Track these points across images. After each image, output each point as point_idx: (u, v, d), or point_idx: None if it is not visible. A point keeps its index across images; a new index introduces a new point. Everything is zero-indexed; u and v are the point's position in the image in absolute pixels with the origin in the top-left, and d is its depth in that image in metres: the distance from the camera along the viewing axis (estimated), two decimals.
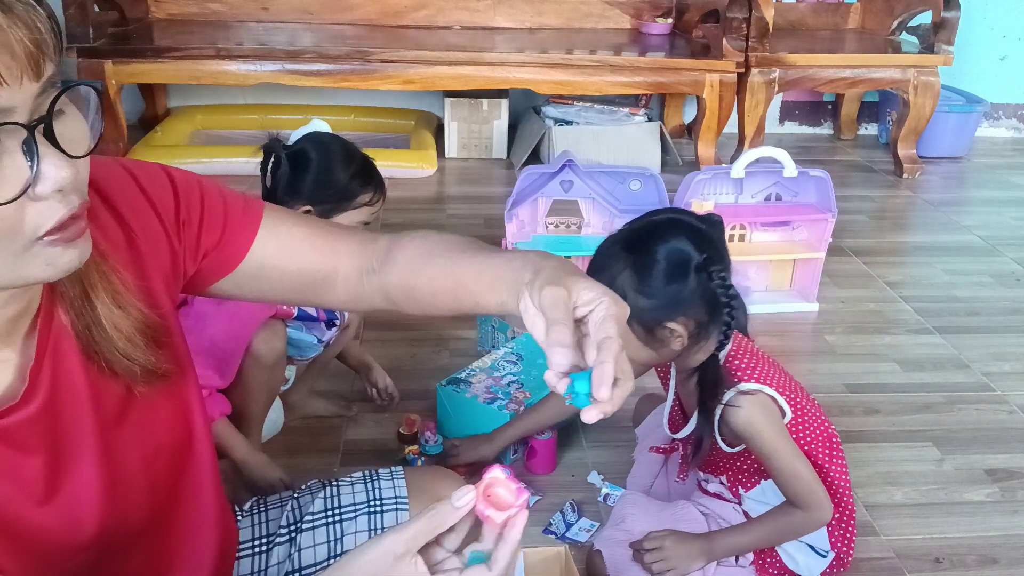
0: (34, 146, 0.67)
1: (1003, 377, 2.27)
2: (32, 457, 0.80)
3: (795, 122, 4.44)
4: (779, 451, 1.43)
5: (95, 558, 0.87)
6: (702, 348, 1.45)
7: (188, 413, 0.96)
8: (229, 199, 0.97)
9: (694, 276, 1.38)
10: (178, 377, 0.93)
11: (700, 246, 1.40)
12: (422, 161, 3.57)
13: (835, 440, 1.54)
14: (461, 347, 2.30)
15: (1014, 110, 4.48)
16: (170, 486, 0.95)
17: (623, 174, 2.49)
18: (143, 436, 0.90)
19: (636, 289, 1.38)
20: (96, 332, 0.82)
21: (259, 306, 1.64)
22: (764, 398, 1.44)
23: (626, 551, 1.50)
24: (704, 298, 1.39)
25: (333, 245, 1.01)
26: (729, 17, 3.47)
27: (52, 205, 0.70)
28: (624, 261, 1.41)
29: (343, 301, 1.05)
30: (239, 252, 0.97)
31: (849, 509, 1.54)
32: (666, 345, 1.43)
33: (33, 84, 0.67)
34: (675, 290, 1.39)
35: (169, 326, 0.92)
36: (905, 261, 3.08)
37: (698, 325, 1.42)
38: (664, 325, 1.40)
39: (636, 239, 1.43)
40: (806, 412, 1.51)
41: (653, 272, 1.39)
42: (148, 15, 3.83)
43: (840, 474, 1.53)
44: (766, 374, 1.47)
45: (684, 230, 1.41)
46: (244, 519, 1.26)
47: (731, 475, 1.56)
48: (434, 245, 0.98)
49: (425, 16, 3.93)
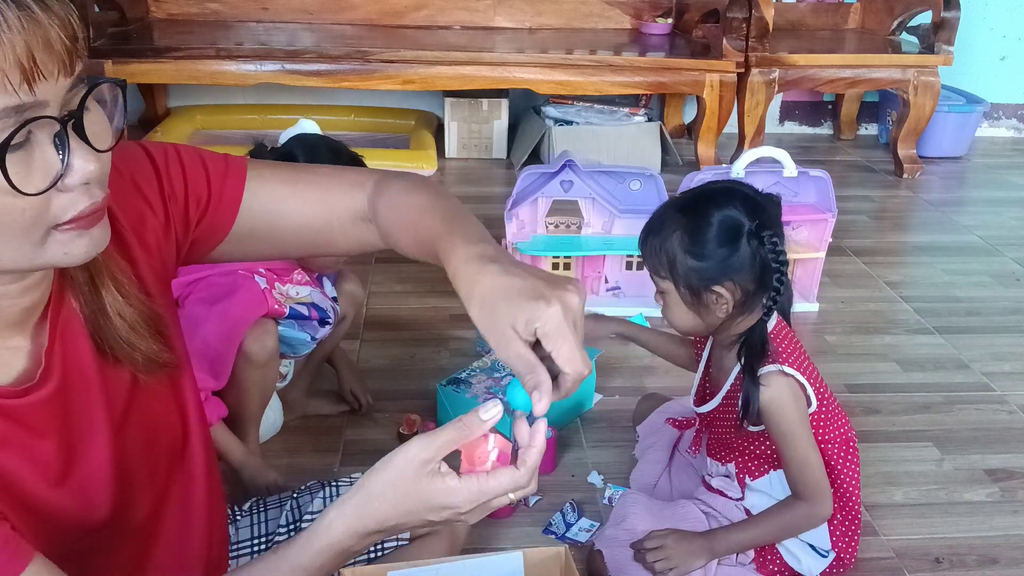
0: (65, 140, 0.70)
1: (1003, 377, 2.27)
2: (46, 440, 0.81)
3: (795, 122, 4.44)
4: (797, 436, 1.44)
5: (104, 541, 0.88)
6: (745, 319, 1.46)
7: (184, 407, 0.98)
8: (210, 164, 0.97)
9: (746, 242, 1.40)
10: (176, 369, 0.94)
11: (754, 214, 1.41)
12: (422, 161, 3.57)
13: (852, 444, 1.55)
14: (461, 347, 2.30)
15: (1014, 110, 4.48)
16: (165, 478, 0.96)
17: (623, 174, 2.49)
18: (144, 424, 0.91)
19: (687, 250, 1.41)
20: (101, 319, 0.84)
21: (250, 305, 1.65)
22: (795, 383, 1.45)
23: (627, 551, 1.50)
24: (754, 265, 1.41)
25: (323, 196, 1.00)
26: (729, 17, 3.47)
27: (76, 197, 0.72)
28: (677, 223, 1.43)
29: (346, 247, 1.04)
30: (229, 216, 0.97)
31: (855, 512, 1.55)
32: (711, 311, 1.44)
33: (66, 80, 0.69)
34: (725, 254, 1.40)
35: (167, 318, 0.93)
36: (905, 261, 3.08)
37: (744, 293, 1.43)
38: (712, 289, 1.42)
39: (691, 203, 1.45)
40: (830, 409, 1.52)
41: (705, 235, 1.41)
42: (148, 15, 3.83)
43: (851, 477, 1.53)
44: (800, 362, 1.48)
45: (740, 198, 1.43)
46: (244, 519, 1.27)
47: (742, 461, 1.56)
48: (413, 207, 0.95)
49: (425, 16, 3.93)
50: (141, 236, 0.90)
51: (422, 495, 0.81)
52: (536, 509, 1.74)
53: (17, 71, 0.65)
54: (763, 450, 1.53)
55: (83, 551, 0.87)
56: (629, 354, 2.29)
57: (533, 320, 0.76)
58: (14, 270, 0.75)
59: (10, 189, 0.67)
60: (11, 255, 0.72)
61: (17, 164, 0.67)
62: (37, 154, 0.69)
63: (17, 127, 0.66)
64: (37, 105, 0.67)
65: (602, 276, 2.57)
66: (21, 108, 0.66)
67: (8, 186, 0.67)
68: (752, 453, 1.54)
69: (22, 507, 0.79)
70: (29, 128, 0.67)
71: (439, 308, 2.48)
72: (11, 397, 0.78)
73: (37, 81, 0.66)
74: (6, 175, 0.66)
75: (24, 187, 0.68)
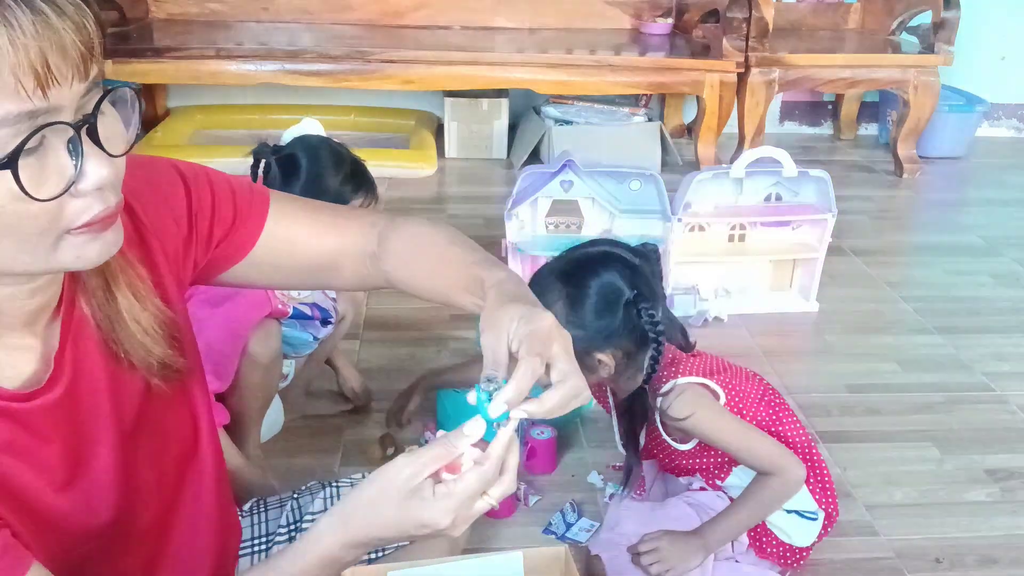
0: (79, 145, 0.69)
1: (1003, 377, 2.27)
2: (51, 444, 0.81)
3: (795, 122, 4.44)
4: (724, 429, 1.48)
5: (107, 546, 0.88)
6: (633, 375, 1.50)
7: (196, 413, 0.98)
8: (237, 188, 0.99)
9: (623, 311, 1.44)
10: (189, 375, 0.94)
11: (632, 281, 1.45)
12: (422, 161, 3.57)
13: (777, 401, 1.58)
14: (461, 347, 2.30)
15: (1014, 110, 4.48)
16: (174, 485, 0.96)
17: (623, 174, 2.48)
18: (155, 431, 0.91)
19: (568, 319, 1.43)
20: (116, 324, 0.84)
21: (254, 306, 1.65)
22: (694, 387, 1.49)
23: (626, 555, 1.52)
24: (632, 331, 1.45)
25: (339, 228, 1.04)
26: (729, 17, 3.47)
27: (90, 202, 0.72)
28: (559, 292, 1.46)
29: (351, 283, 1.08)
30: (250, 239, 0.99)
31: (818, 463, 1.58)
32: (596, 373, 1.48)
33: (80, 84, 0.69)
34: (604, 324, 1.45)
35: (181, 324, 0.93)
36: (905, 261, 3.08)
37: (626, 355, 1.47)
38: (592, 355, 1.45)
39: (571, 271, 1.49)
40: (739, 386, 1.55)
41: (585, 305, 1.45)
42: (148, 15, 3.83)
43: (796, 432, 1.56)
44: (690, 366, 1.52)
45: (617, 265, 1.47)
46: (244, 519, 1.27)
47: (702, 472, 1.60)
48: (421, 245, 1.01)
49: (425, 16, 3.93)
50: (164, 245, 0.91)
51: (403, 511, 0.81)
52: (536, 509, 1.74)
53: (31, 77, 0.65)
54: (712, 457, 1.56)
55: (88, 558, 0.87)
56: None
57: (531, 320, 0.82)
58: (26, 273, 0.75)
59: (23, 195, 0.67)
60: (24, 259, 0.72)
61: (30, 170, 0.67)
62: (51, 159, 0.69)
63: (31, 133, 0.66)
64: (51, 110, 0.67)
65: None
66: (35, 114, 0.66)
67: (21, 192, 0.66)
68: (705, 464, 1.58)
69: (24, 512, 0.78)
70: (43, 133, 0.67)
71: (439, 308, 2.47)
72: (18, 400, 0.78)
73: (51, 87, 0.66)
74: (19, 181, 0.66)
75: (37, 193, 0.67)
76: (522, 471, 1.84)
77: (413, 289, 1.02)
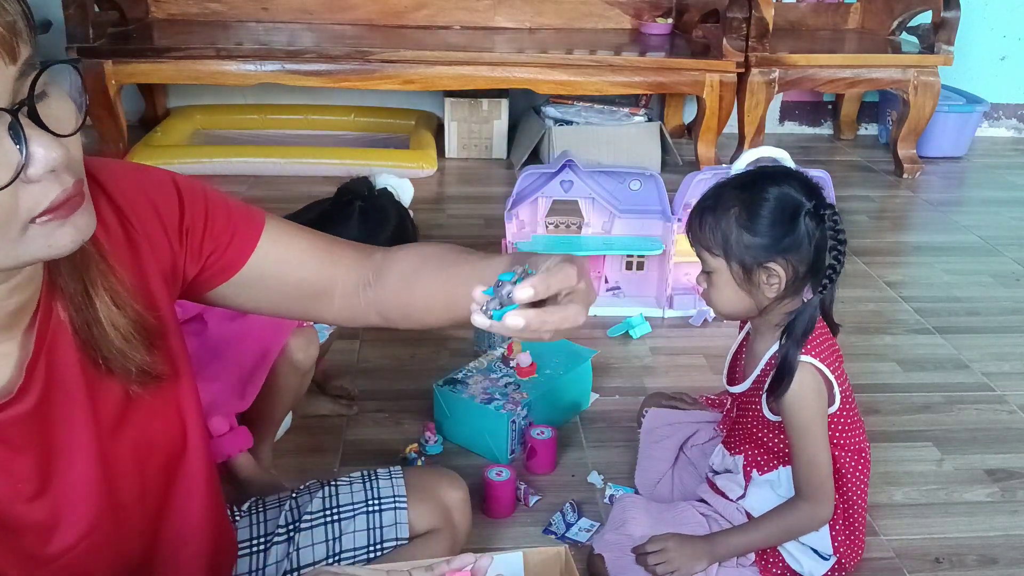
0: (20, 129, 0.67)
1: (1003, 377, 2.27)
2: (23, 455, 0.79)
3: (795, 122, 4.44)
4: (812, 432, 1.44)
5: (87, 557, 0.86)
6: (790, 302, 1.46)
7: (183, 418, 0.96)
8: (233, 206, 0.98)
9: (803, 221, 1.41)
10: (173, 380, 0.92)
11: (812, 195, 1.42)
12: (422, 161, 3.57)
13: (865, 455, 1.54)
14: (460, 347, 2.30)
15: (1014, 110, 4.48)
16: (160, 493, 0.94)
17: (623, 174, 2.48)
18: (138, 438, 0.89)
19: (743, 226, 1.41)
20: (95, 329, 0.82)
21: (281, 328, 1.62)
22: (820, 378, 1.45)
23: (629, 555, 1.50)
24: (809, 245, 1.42)
25: (333, 257, 1.02)
26: (729, 17, 3.47)
27: (46, 186, 0.69)
28: (735, 199, 1.43)
29: (339, 315, 1.05)
30: (241, 257, 0.97)
31: (860, 520, 1.55)
32: (761, 290, 1.44)
33: (10, 67, 0.66)
34: (783, 231, 1.41)
35: (166, 329, 0.91)
36: (905, 261, 3.08)
37: (796, 273, 1.43)
38: (765, 266, 1.42)
39: (749, 181, 1.46)
40: (850, 415, 1.52)
41: (763, 209, 1.41)
42: (148, 15, 3.83)
43: (858, 486, 1.53)
44: (832, 363, 1.48)
45: (795, 181, 1.44)
46: (242, 519, 1.26)
47: (752, 452, 1.56)
48: (424, 257, 1.00)
49: (425, 16, 3.93)
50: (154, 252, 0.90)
51: None
52: (536, 509, 1.74)
53: None
54: (776, 443, 1.52)
55: (67, 568, 0.85)
56: (629, 354, 2.29)
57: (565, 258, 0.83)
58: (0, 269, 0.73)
59: None
60: None
61: None
62: None
63: None
64: None
65: (602, 276, 2.57)
66: None
67: None
68: (765, 445, 1.54)
69: None
70: None
71: None
72: None
73: None
74: None
75: None
76: (522, 471, 1.84)
77: (409, 309, 1.00)
